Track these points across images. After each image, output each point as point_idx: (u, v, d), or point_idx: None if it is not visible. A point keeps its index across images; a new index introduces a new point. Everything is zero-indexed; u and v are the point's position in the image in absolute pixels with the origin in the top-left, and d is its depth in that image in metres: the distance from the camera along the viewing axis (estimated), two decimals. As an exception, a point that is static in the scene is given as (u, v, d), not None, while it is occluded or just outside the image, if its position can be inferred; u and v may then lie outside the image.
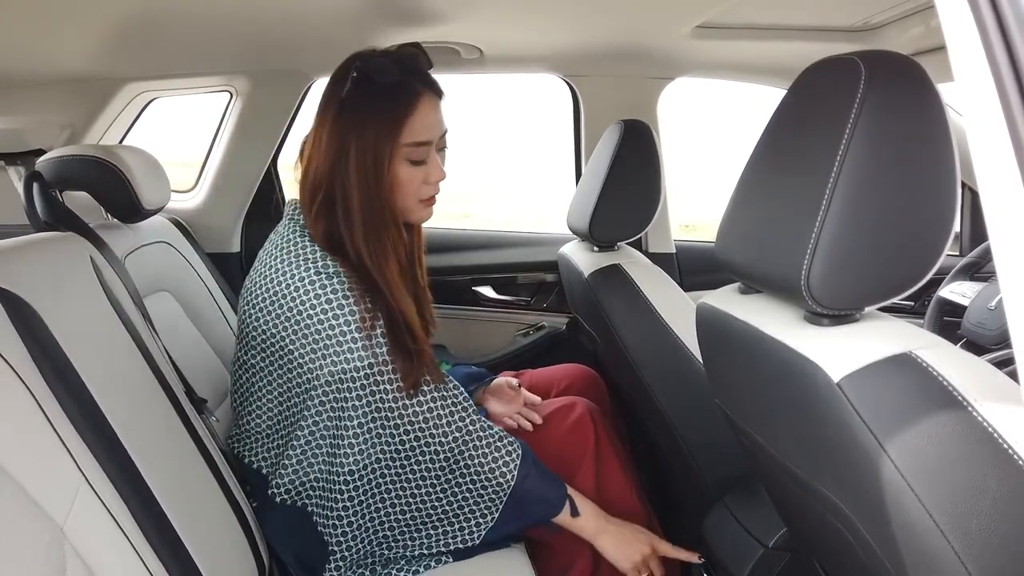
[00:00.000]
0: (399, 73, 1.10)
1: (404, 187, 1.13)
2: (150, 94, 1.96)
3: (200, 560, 0.87)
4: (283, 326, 1.07)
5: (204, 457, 1.04)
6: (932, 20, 1.44)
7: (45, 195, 1.14)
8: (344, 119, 1.09)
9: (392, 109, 1.09)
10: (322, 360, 1.06)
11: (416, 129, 1.10)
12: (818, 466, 0.74)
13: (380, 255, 1.10)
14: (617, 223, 1.53)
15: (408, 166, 1.12)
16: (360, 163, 1.08)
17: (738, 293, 0.90)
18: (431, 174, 1.15)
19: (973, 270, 1.59)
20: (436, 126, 1.14)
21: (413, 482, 1.12)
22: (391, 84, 1.09)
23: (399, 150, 1.10)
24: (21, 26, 1.27)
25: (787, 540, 1.11)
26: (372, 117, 1.08)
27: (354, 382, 1.06)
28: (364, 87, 1.09)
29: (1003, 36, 0.48)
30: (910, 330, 0.68)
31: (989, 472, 0.56)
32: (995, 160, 0.49)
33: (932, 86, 0.67)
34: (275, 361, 1.11)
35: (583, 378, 1.59)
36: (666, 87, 2.06)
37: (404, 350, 1.08)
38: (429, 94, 1.12)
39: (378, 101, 1.09)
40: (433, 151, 1.15)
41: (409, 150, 1.11)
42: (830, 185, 0.66)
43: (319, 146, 1.11)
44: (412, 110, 1.10)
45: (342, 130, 1.09)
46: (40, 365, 0.78)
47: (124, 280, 1.12)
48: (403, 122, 1.09)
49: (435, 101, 1.14)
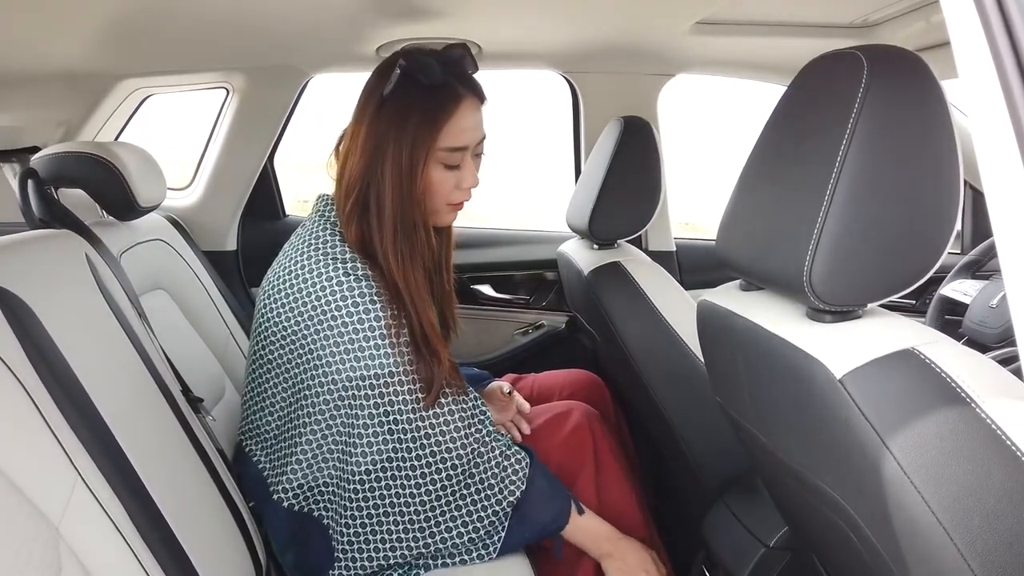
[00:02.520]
0: (443, 74, 1.07)
1: (435, 190, 1.11)
2: (146, 91, 1.95)
3: (196, 560, 0.87)
4: (306, 324, 1.05)
5: (200, 456, 1.04)
6: (933, 16, 1.43)
7: (40, 192, 1.13)
8: (384, 117, 1.07)
9: (432, 110, 1.06)
10: (343, 363, 1.04)
11: (454, 133, 1.08)
12: (820, 463, 0.73)
13: (407, 260, 1.08)
14: (617, 220, 1.52)
15: (442, 169, 1.10)
16: (396, 163, 1.06)
17: (739, 290, 0.89)
18: (464, 179, 1.13)
19: (974, 268, 1.59)
20: (475, 131, 1.11)
21: (423, 488, 1.09)
22: (434, 85, 1.07)
23: (435, 153, 1.08)
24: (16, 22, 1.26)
25: (788, 539, 1.11)
26: (412, 117, 1.06)
27: (372, 389, 1.04)
28: (406, 86, 1.06)
29: (1007, 30, 0.48)
30: (913, 326, 0.68)
31: (992, 469, 0.55)
32: (999, 156, 0.49)
33: (935, 81, 0.66)
34: (293, 359, 1.09)
35: (586, 384, 1.58)
36: (666, 83, 2.06)
37: (426, 359, 1.06)
38: (471, 98, 1.10)
39: (419, 101, 1.06)
40: (468, 156, 1.12)
41: (445, 154, 1.09)
42: (832, 180, 0.66)
43: (356, 143, 1.09)
44: (452, 113, 1.07)
45: (381, 128, 1.07)
46: (36, 363, 0.77)
47: (120, 278, 1.11)
48: (442, 125, 1.07)
49: (476, 105, 1.12)
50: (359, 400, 1.05)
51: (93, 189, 1.45)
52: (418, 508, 1.10)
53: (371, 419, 1.06)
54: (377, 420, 1.06)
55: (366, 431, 1.06)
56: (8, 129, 1.70)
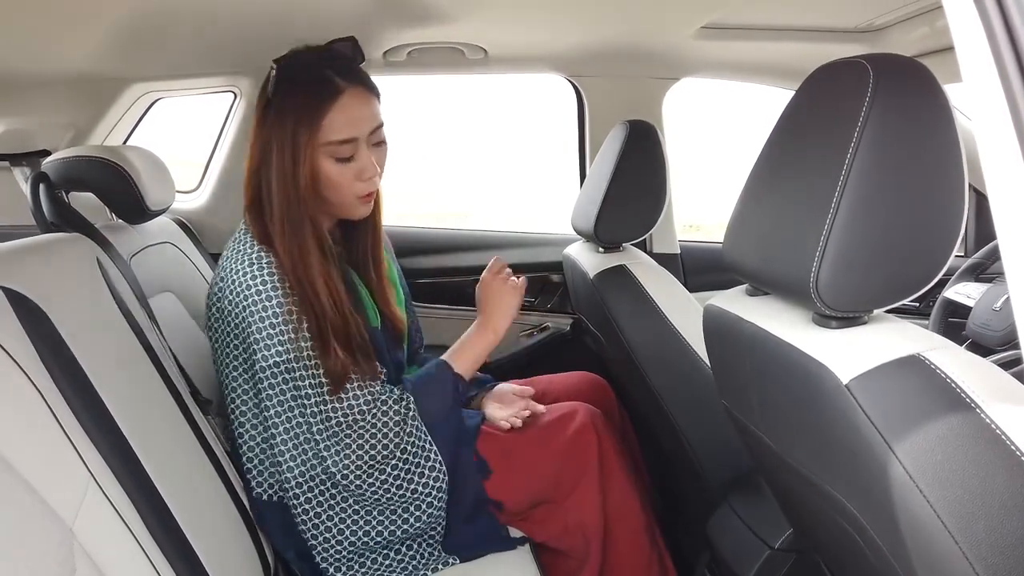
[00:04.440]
0: (320, 69, 1.10)
1: (335, 184, 1.12)
2: (155, 94, 1.96)
3: (207, 560, 0.87)
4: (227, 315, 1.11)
5: (210, 457, 1.05)
6: (937, 21, 1.44)
7: (51, 196, 1.14)
8: (268, 118, 1.11)
9: (310, 107, 1.09)
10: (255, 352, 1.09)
11: (338, 126, 1.09)
12: (826, 467, 0.74)
13: (301, 255, 1.10)
14: (622, 224, 1.52)
15: (335, 163, 1.11)
16: (280, 162, 1.10)
17: (746, 295, 0.90)
18: (364, 170, 1.13)
19: (978, 271, 1.59)
20: (363, 121, 1.12)
21: (354, 475, 1.12)
22: (311, 80, 1.09)
23: (320, 148, 1.10)
24: (26, 27, 1.27)
25: (793, 541, 1.11)
26: (290, 115, 1.09)
27: (275, 377, 1.09)
28: (285, 87, 1.10)
29: (1009, 34, 0.48)
30: (918, 332, 0.68)
31: (997, 473, 0.56)
32: (1003, 159, 0.49)
33: (940, 89, 0.67)
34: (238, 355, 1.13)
35: (591, 386, 1.58)
36: (671, 87, 2.06)
37: (329, 349, 1.09)
38: (356, 89, 1.11)
39: (297, 99, 1.09)
40: (363, 147, 1.13)
41: (334, 147, 1.10)
42: (839, 187, 0.66)
43: (250, 147, 1.15)
44: (332, 107, 1.09)
45: (265, 131, 1.11)
46: (48, 365, 0.78)
47: (130, 281, 1.12)
48: (321, 120, 1.09)
49: (362, 96, 1.12)
50: (271, 387, 1.09)
51: (103, 193, 1.46)
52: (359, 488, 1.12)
53: (281, 406, 1.10)
54: (287, 407, 1.10)
55: (278, 418, 1.10)
56: (19, 132, 1.71)
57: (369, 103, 1.14)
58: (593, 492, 1.25)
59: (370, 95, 1.14)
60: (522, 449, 1.25)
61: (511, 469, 1.23)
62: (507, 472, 1.23)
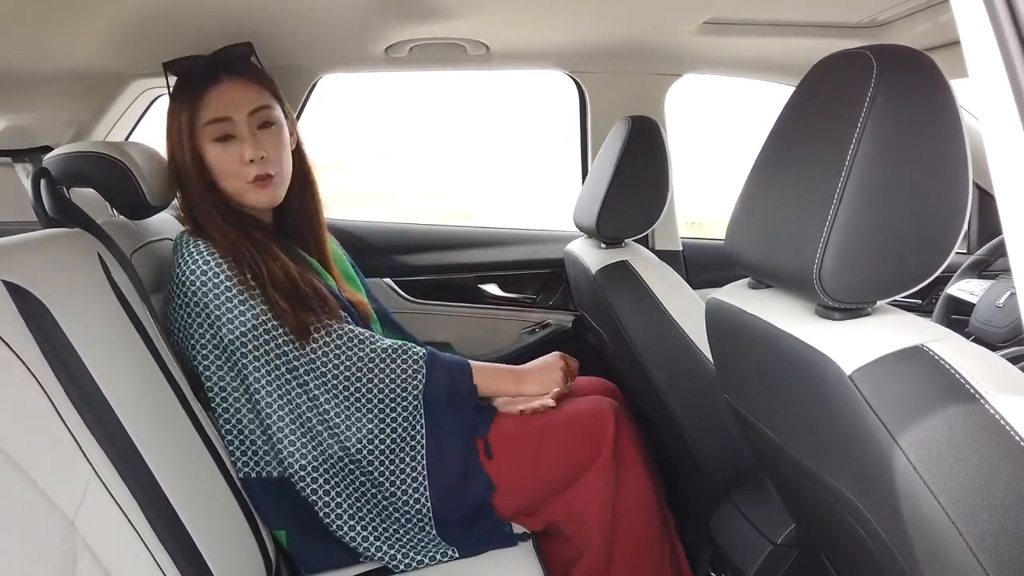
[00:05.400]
0: (203, 65, 1.21)
1: (221, 169, 1.20)
2: (157, 91, 1.96)
3: (208, 554, 0.88)
4: (187, 308, 1.15)
5: (211, 452, 1.05)
6: (940, 16, 1.43)
7: (52, 191, 1.14)
8: (168, 116, 1.23)
9: (191, 92, 1.20)
10: (221, 327, 1.12)
11: (213, 106, 1.18)
12: (829, 459, 0.74)
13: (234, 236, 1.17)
14: (624, 220, 1.52)
15: (217, 145, 1.19)
16: (178, 150, 1.21)
17: (748, 288, 0.90)
18: (245, 152, 1.18)
19: (981, 268, 1.59)
20: (240, 103, 1.20)
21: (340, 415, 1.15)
22: (197, 73, 1.21)
23: (201, 131, 1.19)
24: (27, 22, 1.27)
25: (795, 536, 1.11)
26: (176, 104, 1.22)
27: (251, 343, 1.13)
28: (177, 85, 1.24)
29: (1017, 28, 0.48)
30: (922, 323, 0.68)
31: (1001, 464, 0.56)
32: (1010, 155, 0.49)
33: (943, 80, 0.67)
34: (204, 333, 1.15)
35: (599, 390, 1.57)
36: (673, 83, 2.06)
37: (284, 309, 1.14)
38: (235, 78, 1.21)
39: (183, 91, 1.22)
40: (243, 128, 1.19)
41: (211, 128, 1.19)
42: (842, 179, 0.66)
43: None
44: (209, 90, 1.19)
45: (168, 126, 1.23)
46: (50, 360, 0.78)
47: (131, 277, 1.12)
48: (199, 103, 1.18)
49: (243, 83, 1.21)
50: (249, 353, 1.13)
51: (104, 188, 1.46)
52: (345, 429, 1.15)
53: (267, 366, 1.13)
54: (272, 365, 1.13)
55: (264, 379, 1.13)
56: (21, 129, 1.71)
57: (249, 88, 1.22)
58: (602, 480, 1.24)
59: (254, 83, 1.23)
60: (536, 435, 1.25)
61: (521, 457, 1.23)
62: (515, 459, 1.23)
